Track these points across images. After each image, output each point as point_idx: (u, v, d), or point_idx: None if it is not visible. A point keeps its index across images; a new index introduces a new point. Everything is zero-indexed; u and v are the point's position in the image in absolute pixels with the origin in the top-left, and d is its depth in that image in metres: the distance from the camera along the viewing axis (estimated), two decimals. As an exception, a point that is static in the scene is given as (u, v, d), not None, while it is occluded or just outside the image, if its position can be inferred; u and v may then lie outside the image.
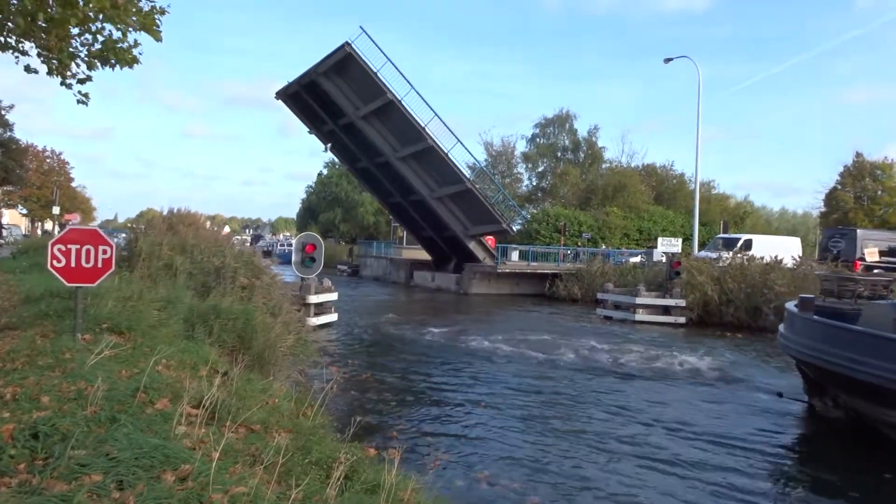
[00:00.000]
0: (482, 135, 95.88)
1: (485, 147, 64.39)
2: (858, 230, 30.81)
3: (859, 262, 27.45)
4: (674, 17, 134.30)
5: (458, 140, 30.93)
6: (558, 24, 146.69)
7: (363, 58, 28.67)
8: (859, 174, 49.69)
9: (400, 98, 29.28)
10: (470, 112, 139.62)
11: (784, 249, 26.26)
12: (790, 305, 11.34)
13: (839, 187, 50.45)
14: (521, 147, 64.83)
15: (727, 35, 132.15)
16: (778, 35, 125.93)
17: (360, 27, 29.12)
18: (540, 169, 63.44)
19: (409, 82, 29.50)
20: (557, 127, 63.36)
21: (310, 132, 35.71)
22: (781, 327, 11.24)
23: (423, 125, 29.82)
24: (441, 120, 30.32)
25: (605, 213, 51.21)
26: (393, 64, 29.11)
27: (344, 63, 29.23)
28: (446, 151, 30.36)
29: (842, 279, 11.90)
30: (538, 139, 63.51)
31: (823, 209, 52.61)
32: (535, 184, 63.90)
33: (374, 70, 28.87)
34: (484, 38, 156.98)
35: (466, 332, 18.51)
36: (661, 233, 45.83)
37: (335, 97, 30.77)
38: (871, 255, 28.28)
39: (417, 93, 29.76)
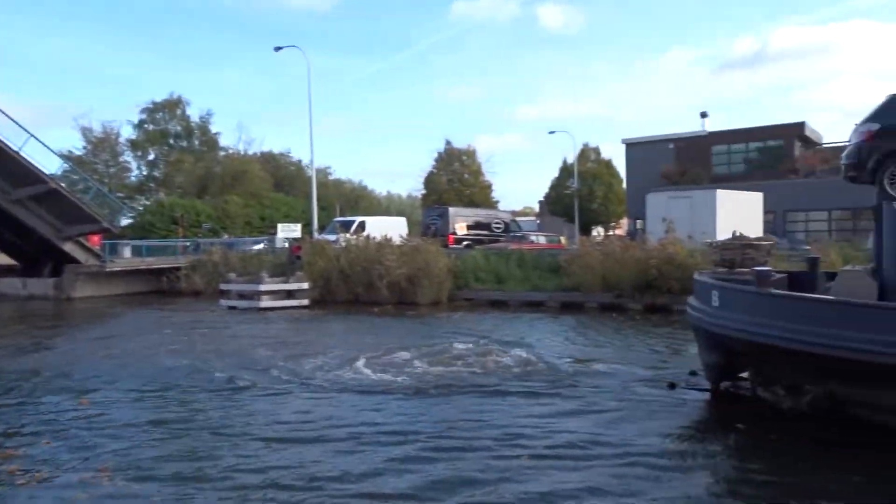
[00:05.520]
0: (78, 120, 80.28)
1: (82, 133, 57.16)
2: (451, 208, 35.14)
3: (452, 236, 31.63)
4: (295, 10, 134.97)
5: (31, 135, 26.50)
6: (168, 4, 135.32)
7: None
8: (450, 160, 56.95)
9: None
10: (69, 95, 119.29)
11: (393, 228, 28.67)
12: (703, 277, 9.50)
13: (435, 171, 57.14)
14: (126, 133, 59.12)
15: (347, 31, 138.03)
16: (389, 32, 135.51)
17: None
18: (150, 157, 58.80)
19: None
20: (168, 112, 59.36)
21: None
22: (694, 301, 9.39)
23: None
24: (5, 114, 25.84)
25: (224, 201, 49.79)
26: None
27: None
28: (17, 149, 25.84)
29: (744, 246, 10.08)
30: (146, 125, 58.68)
31: (424, 191, 59.09)
32: (145, 173, 59.05)
33: None
34: (84, 11, 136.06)
35: (69, 344, 16.21)
36: (283, 219, 46.33)
37: None
38: (461, 228, 32.87)
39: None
